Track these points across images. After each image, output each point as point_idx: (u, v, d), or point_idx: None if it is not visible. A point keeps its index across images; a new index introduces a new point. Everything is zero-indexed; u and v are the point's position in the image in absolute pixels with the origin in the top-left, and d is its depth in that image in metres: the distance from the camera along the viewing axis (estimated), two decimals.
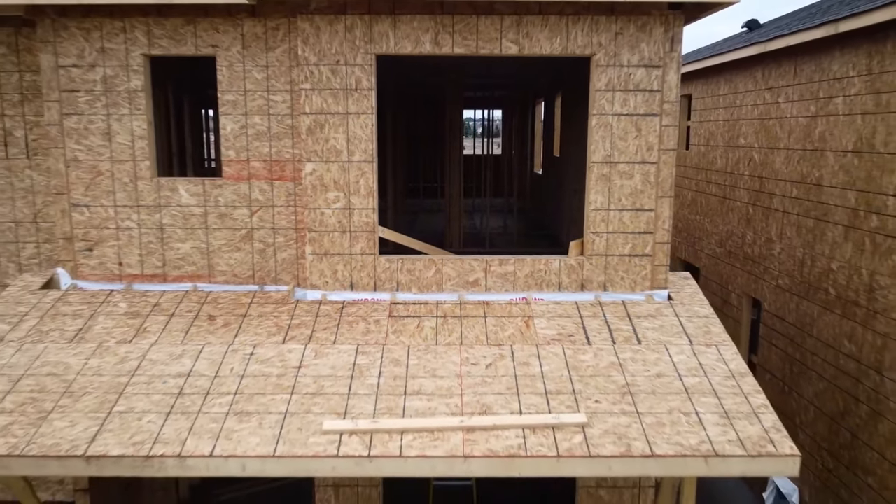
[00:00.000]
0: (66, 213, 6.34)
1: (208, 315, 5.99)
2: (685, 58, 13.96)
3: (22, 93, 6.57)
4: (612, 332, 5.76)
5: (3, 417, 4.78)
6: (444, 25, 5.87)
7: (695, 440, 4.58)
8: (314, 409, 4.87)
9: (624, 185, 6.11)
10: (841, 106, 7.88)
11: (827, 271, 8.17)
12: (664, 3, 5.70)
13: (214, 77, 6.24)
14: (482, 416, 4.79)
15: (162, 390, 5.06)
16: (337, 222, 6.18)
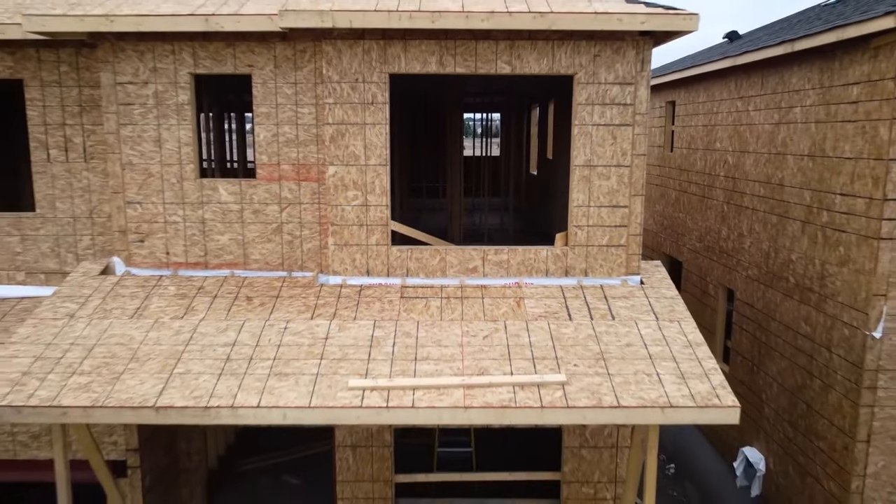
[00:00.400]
0: (122, 209, 7.35)
1: (246, 296, 6.99)
2: (671, 67, 14.97)
3: (81, 105, 7.56)
4: (591, 310, 6.76)
5: (82, 377, 5.78)
6: (448, 49, 6.87)
7: (654, 394, 5.58)
8: (340, 370, 5.87)
9: (602, 185, 7.12)
10: (798, 115, 8.88)
11: (787, 262, 9.17)
12: (635, 31, 6.70)
13: (234, 83, 7.23)
14: (479, 376, 5.79)
15: (212, 356, 6.06)
16: (355, 217, 7.18)
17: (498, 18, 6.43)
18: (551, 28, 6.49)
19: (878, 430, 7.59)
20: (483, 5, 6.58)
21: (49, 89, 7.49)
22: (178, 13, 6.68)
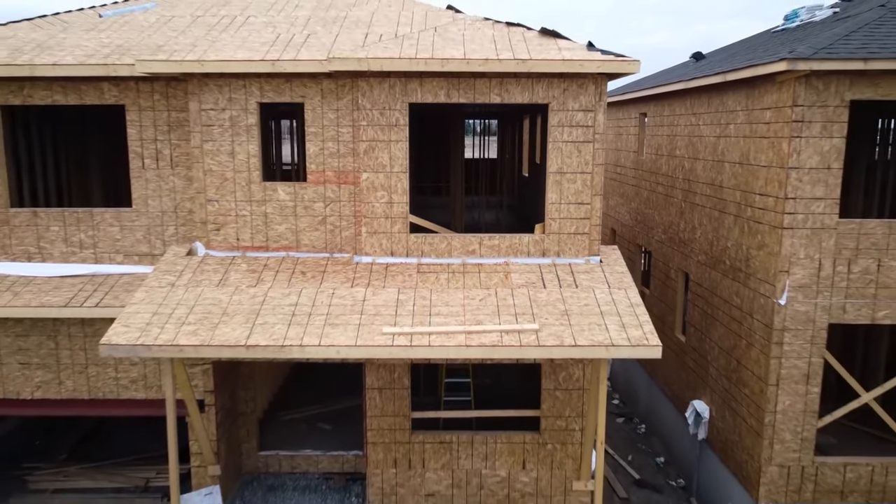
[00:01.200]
0: (203, 205, 9.58)
1: (300, 271, 9.23)
2: (646, 82, 17.20)
3: (169, 124, 9.78)
4: (560, 281, 9.00)
5: (190, 326, 8.01)
6: (453, 84, 9.10)
7: (601, 337, 7.81)
8: (375, 322, 8.10)
9: (570, 187, 9.35)
10: (732, 130, 11.11)
11: (725, 248, 11.41)
12: (595, 73, 8.92)
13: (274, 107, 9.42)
14: (476, 325, 8.03)
15: (281, 312, 8.30)
16: (382, 212, 9.41)
17: (491, 64, 8.66)
18: (531, 70, 8.72)
19: (785, 377, 9.84)
20: (479, 53, 8.82)
21: (145, 112, 9.71)
22: (252, 59, 8.91)
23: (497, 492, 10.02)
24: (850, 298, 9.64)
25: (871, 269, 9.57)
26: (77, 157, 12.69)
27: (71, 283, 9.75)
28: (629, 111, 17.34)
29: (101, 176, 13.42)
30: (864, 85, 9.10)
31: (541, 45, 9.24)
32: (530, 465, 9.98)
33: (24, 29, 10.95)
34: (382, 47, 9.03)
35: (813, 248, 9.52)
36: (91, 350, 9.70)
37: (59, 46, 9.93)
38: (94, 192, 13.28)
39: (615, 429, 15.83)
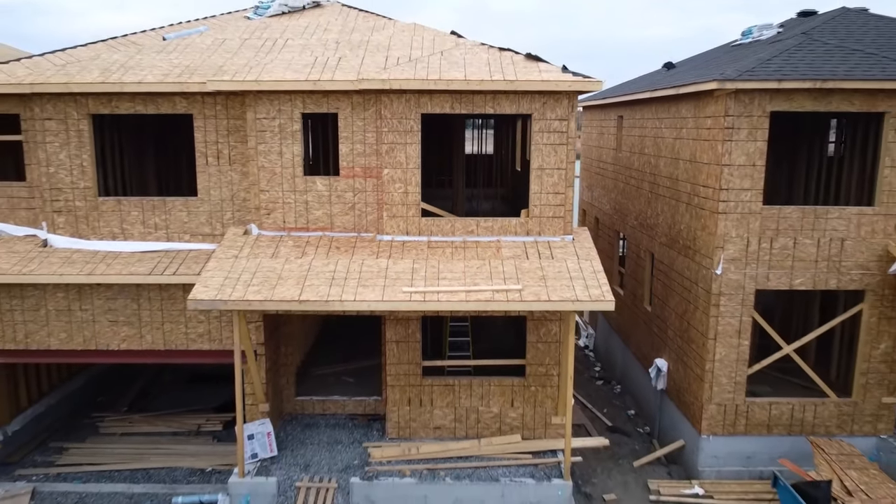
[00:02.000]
0: (257, 194, 12.01)
1: (335, 247, 11.67)
2: (624, 87, 19.59)
3: (227, 130, 12.19)
4: (540, 254, 11.44)
5: (253, 287, 10.44)
6: (455, 99, 11.51)
7: (569, 295, 10.26)
8: (396, 284, 10.54)
9: (548, 180, 11.77)
10: (685, 133, 13.52)
11: (679, 230, 13.85)
12: (567, 90, 11.33)
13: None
14: (474, 286, 10.47)
15: (323, 277, 10.74)
16: (400, 200, 11.83)
17: (485, 83, 11.09)
18: (517, 88, 11.14)
19: (721, 332, 12.29)
20: (477, 75, 11.23)
21: (208, 120, 12.13)
22: (297, 79, 11.33)
23: (490, 425, 12.49)
24: (772, 269, 12.09)
25: (789, 245, 12.02)
26: (136, 155, 15.08)
27: (150, 258, 12.20)
28: (609, 114, 19.75)
29: (155, 170, 15.84)
30: (781, 99, 11.52)
31: (525, 67, 11.66)
32: (517, 404, 12.44)
33: (103, 50, 13.36)
34: (400, 70, 11.45)
35: (742, 229, 11.96)
36: (166, 310, 12.14)
37: (139, 67, 12.34)
38: (150, 184, 15.70)
39: (595, 389, 18.31)
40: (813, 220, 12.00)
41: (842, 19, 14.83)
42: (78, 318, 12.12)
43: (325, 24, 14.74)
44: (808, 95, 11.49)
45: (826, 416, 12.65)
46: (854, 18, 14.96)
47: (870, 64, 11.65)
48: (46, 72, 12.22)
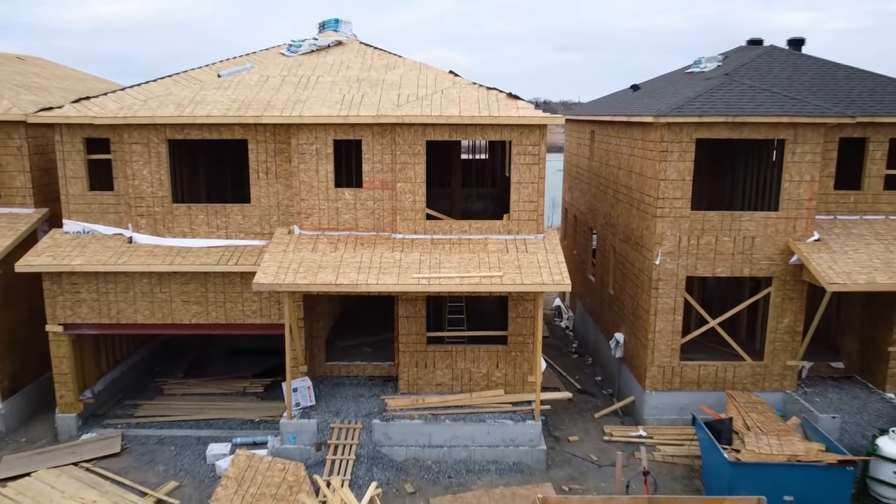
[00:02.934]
0: (298, 202, 15.43)
1: (360, 243, 15.12)
2: (598, 103, 22.97)
3: (275, 152, 15.58)
4: (518, 248, 14.89)
5: (300, 274, 13.88)
6: (453, 129, 14.92)
7: (538, 280, 13.71)
8: (408, 271, 13.99)
9: (524, 191, 15.20)
10: (636, 151, 16.94)
11: (632, 229, 17.29)
12: (538, 124, 14.73)
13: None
14: (467, 273, 13.93)
15: (352, 266, 14.18)
16: (409, 206, 15.26)
17: (476, 118, 14.51)
18: (500, 122, 14.57)
19: (660, 310, 15.76)
20: (468, 111, 14.64)
21: (259, 144, 15.53)
22: (330, 114, 14.74)
23: (480, 382, 15.97)
24: (699, 260, 15.56)
25: (712, 242, 15.48)
26: (189, 169, 18.46)
27: (214, 252, 15.63)
28: (585, 128, 23.16)
29: (206, 182, 19.24)
30: (703, 130, 14.95)
31: (507, 104, 15.08)
32: (501, 365, 15.92)
33: (172, 86, 16.76)
34: (410, 107, 14.87)
35: (675, 229, 15.41)
36: (227, 292, 15.56)
37: (205, 101, 15.74)
38: (201, 193, 19.09)
39: (571, 362, 21.81)
40: (730, 221, 15.46)
41: (768, 57, 18.26)
42: (158, 299, 15.58)
43: (348, 62, 18.14)
44: (725, 127, 14.92)
45: (743, 375, 16.15)
46: (777, 56, 18.40)
47: (773, 102, 15.07)
48: (133, 106, 15.61)
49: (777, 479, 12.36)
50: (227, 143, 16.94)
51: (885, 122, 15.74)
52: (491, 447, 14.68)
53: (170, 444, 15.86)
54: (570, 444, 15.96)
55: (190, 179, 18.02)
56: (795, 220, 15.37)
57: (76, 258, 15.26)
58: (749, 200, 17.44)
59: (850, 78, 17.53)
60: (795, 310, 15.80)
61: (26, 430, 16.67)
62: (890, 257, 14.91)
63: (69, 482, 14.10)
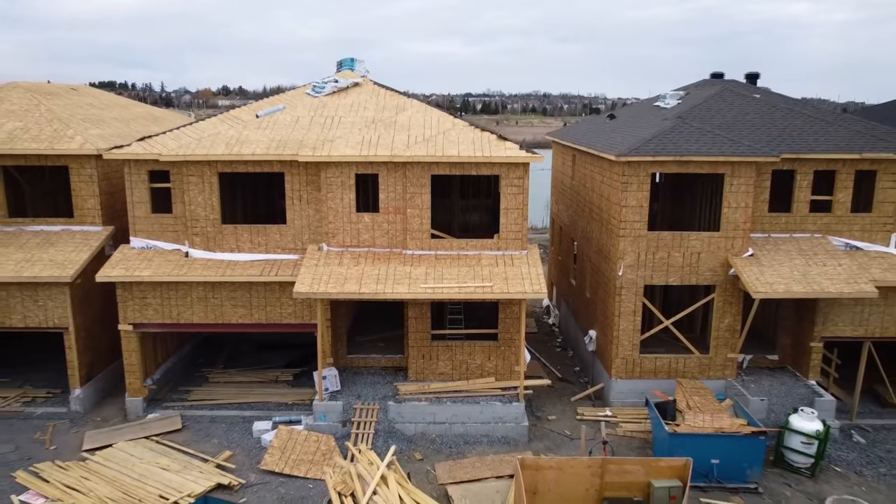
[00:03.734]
0: (326, 224, 18.84)
1: (377, 258, 18.54)
2: (578, 128, 26.33)
3: (307, 182, 18.96)
4: (505, 262, 18.32)
5: (330, 284, 17.32)
6: (452, 166, 18.31)
7: (521, 289, 17.15)
8: (416, 282, 17.43)
9: (511, 216, 18.61)
10: (605, 180, 20.32)
11: (602, 244, 20.70)
12: (522, 161, 18.13)
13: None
14: (464, 284, 17.36)
15: (372, 277, 17.61)
16: (417, 228, 18.68)
17: (472, 158, 17.91)
18: (491, 161, 17.97)
19: (622, 312, 19.21)
20: (465, 152, 18.03)
21: (294, 176, 18.91)
22: (353, 154, 18.13)
23: (475, 371, 19.40)
24: (654, 271, 18.98)
25: (665, 256, 18.91)
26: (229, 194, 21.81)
27: (257, 265, 19.05)
28: (568, 151, 26.55)
29: (243, 206, 22.61)
30: (657, 166, 18.34)
31: (497, 145, 18.47)
32: (493, 357, 19.35)
33: (219, 125, 20.13)
34: (418, 148, 18.26)
35: (635, 246, 18.83)
36: (268, 297, 18.96)
37: (248, 141, 19.13)
38: (238, 215, 22.46)
39: (555, 354, 25.26)
40: (680, 240, 18.87)
41: (718, 98, 21.66)
42: (211, 303, 19.01)
43: (364, 103, 21.52)
44: (674, 164, 18.31)
45: (692, 366, 19.61)
46: (728, 97, 21.79)
47: (714, 143, 18.46)
48: (189, 144, 18.99)
49: (706, 447, 15.84)
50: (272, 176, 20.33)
51: (808, 158, 19.14)
52: (483, 424, 18.15)
53: (220, 423, 19.32)
54: (549, 422, 19.43)
55: (230, 203, 21.41)
56: (733, 239, 18.79)
57: (144, 270, 18.69)
58: (702, 221, 20.84)
59: (786, 116, 20.90)
60: (734, 312, 19.24)
61: (99, 412, 20.14)
62: (808, 270, 18.35)
63: (144, 451, 17.57)
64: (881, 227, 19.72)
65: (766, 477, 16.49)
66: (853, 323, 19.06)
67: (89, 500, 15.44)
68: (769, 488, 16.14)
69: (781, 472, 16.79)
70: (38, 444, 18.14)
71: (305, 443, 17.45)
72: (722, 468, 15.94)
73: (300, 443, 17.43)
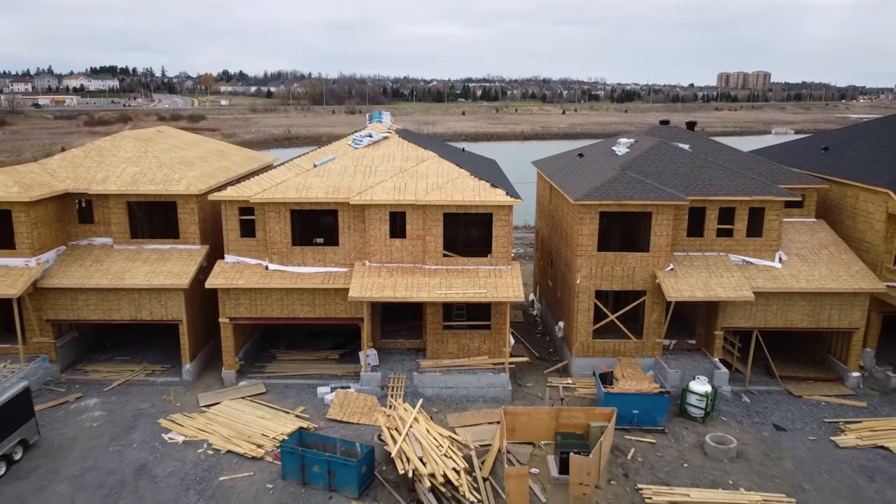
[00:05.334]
0: (367, 246, 26.38)
1: (405, 272, 26.13)
2: (554, 161, 33.87)
3: (353, 216, 26.48)
4: (496, 274, 25.93)
5: (374, 290, 24.92)
6: (458, 207, 25.82)
7: (506, 294, 24.78)
8: (435, 289, 25.04)
9: (500, 241, 26.16)
10: (569, 212, 27.83)
11: (567, 259, 28.26)
12: (509, 204, 25.64)
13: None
14: (466, 290, 24.98)
15: (402, 286, 25.22)
16: (434, 249, 26.24)
17: (472, 202, 25.46)
18: (486, 203, 25.52)
19: (580, 309, 26.88)
20: (468, 198, 25.56)
21: (344, 212, 26.43)
22: (388, 199, 25.66)
23: (474, 351, 27.06)
24: (602, 280, 26.61)
25: (609, 270, 26.51)
26: (297, 223, 29.25)
27: (318, 275, 26.63)
28: (546, 182, 34.07)
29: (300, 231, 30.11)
30: (603, 207, 25.89)
31: (490, 192, 25.98)
32: (486, 342, 27.01)
33: (287, 172, 27.65)
34: (434, 194, 25.78)
35: (588, 262, 26.43)
36: (325, 299, 26.52)
37: (311, 187, 26.63)
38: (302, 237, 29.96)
39: (536, 340, 32.94)
40: (621, 258, 26.45)
41: (655, 150, 29.18)
42: (286, 302, 26.62)
43: (393, 154, 28.99)
44: (616, 206, 25.83)
45: (630, 348, 27.27)
46: (662, 148, 29.29)
47: (645, 190, 25.96)
48: (269, 189, 26.47)
49: (630, 402, 23.50)
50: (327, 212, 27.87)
51: (715, 199, 26.66)
52: (479, 388, 25.84)
53: (291, 388, 27.01)
54: (527, 388, 27.14)
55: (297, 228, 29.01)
56: (658, 258, 26.38)
57: (238, 280, 26.30)
58: (638, 244, 28.39)
59: (702, 165, 28.38)
60: (660, 310, 26.87)
61: (202, 381, 27.84)
62: (709, 280, 25.96)
63: (244, 407, 25.26)
64: (769, 247, 27.31)
65: (672, 422, 24.21)
66: (745, 317, 26.71)
67: (215, 437, 23.15)
68: (672, 430, 23.86)
69: (683, 420, 24.50)
70: (167, 403, 25.85)
71: (356, 401, 25.16)
72: (640, 417, 23.62)
73: (352, 401, 25.14)
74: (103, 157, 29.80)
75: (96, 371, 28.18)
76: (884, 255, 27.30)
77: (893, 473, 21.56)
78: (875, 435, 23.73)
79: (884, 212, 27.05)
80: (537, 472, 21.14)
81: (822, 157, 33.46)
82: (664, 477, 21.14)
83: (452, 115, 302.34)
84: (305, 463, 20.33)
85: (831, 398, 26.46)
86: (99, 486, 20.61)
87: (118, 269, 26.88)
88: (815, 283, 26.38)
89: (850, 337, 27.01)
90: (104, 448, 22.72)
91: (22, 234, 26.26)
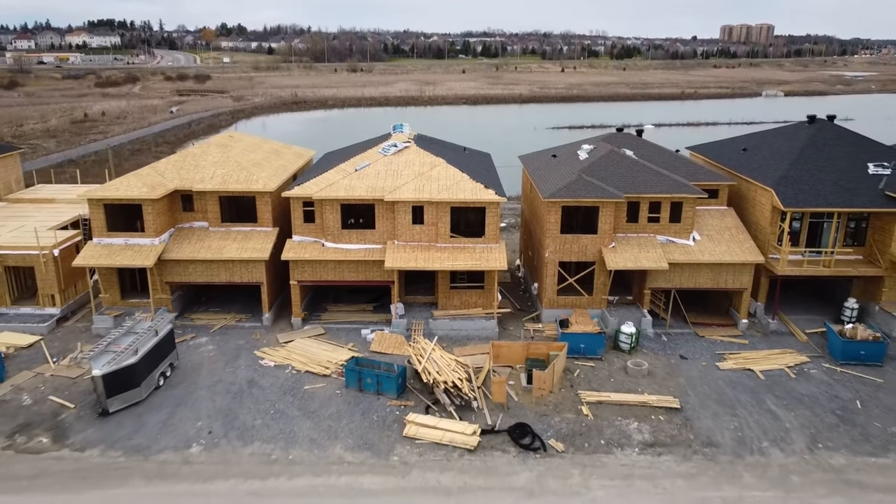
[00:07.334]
0: (396, 229, 36.94)
1: (423, 248, 36.75)
2: (531, 160, 44.24)
3: (386, 209, 36.95)
4: (487, 250, 36.57)
5: (403, 261, 35.59)
6: (461, 203, 36.31)
7: (494, 265, 35.46)
8: (444, 261, 35.70)
9: (491, 227, 36.71)
10: (540, 204, 38.29)
11: (540, 238, 38.82)
12: (498, 200, 36.06)
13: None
14: (465, 261, 35.65)
15: (422, 258, 35.89)
16: (444, 232, 36.76)
17: (471, 199, 35.92)
18: (481, 200, 35.98)
19: (547, 275, 37.64)
20: (468, 196, 36.01)
21: (380, 206, 36.88)
22: (411, 197, 36.11)
23: (472, 304, 37.85)
24: (564, 254, 37.27)
25: (568, 246, 37.15)
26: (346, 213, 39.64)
27: (361, 251, 37.25)
28: (528, 177, 44.38)
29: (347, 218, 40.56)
30: (564, 203, 36.34)
31: (485, 191, 36.37)
32: (481, 297, 37.79)
33: (337, 174, 38.03)
34: (444, 193, 36.17)
35: (553, 241, 37.04)
36: (367, 267, 37.14)
37: (355, 187, 37.03)
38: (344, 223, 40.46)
39: (519, 295, 43.77)
40: (577, 239, 37.03)
41: (606, 157, 39.51)
42: (337, 270, 37.31)
43: (411, 161, 39.26)
44: (574, 202, 36.26)
45: (584, 302, 38.12)
46: (612, 156, 39.63)
47: (595, 190, 36.34)
48: (325, 188, 36.85)
49: (579, 339, 34.41)
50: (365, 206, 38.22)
51: (645, 196, 37.08)
52: (476, 331, 36.77)
53: (342, 331, 37.93)
54: (510, 331, 38.07)
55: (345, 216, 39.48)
56: (604, 239, 36.94)
57: (304, 254, 36.96)
58: (589, 228, 38.85)
59: (640, 170, 38.63)
60: (605, 275, 37.58)
61: (277, 326, 38.77)
62: (639, 255, 36.58)
63: (312, 344, 36.23)
64: (685, 230, 37.87)
65: (608, 353, 35.16)
66: (665, 280, 37.46)
67: (296, 362, 34.17)
68: (607, 358, 34.84)
69: (616, 352, 35.45)
70: (255, 341, 36.80)
71: (389, 339, 36.08)
72: (586, 349, 34.52)
73: (387, 338, 36.06)
74: (197, 161, 40.13)
75: (200, 318, 39.09)
76: (770, 235, 37.88)
77: (748, 385, 32.64)
78: (747, 361, 34.75)
79: (770, 204, 37.51)
80: (513, 383, 32.23)
81: (740, 156, 43.69)
82: (597, 387, 32.20)
83: (453, 73, 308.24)
84: (361, 376, 31.33)
85: (725, 338, 37.42)
86: (226, 392, 31.67)
87: (216, 246, 37.50)
88: (716, 256, 37.04)
89: (741, 294, 37.83)
90: (222, 369, 33.74)
91: (149, 221, 36.79)
